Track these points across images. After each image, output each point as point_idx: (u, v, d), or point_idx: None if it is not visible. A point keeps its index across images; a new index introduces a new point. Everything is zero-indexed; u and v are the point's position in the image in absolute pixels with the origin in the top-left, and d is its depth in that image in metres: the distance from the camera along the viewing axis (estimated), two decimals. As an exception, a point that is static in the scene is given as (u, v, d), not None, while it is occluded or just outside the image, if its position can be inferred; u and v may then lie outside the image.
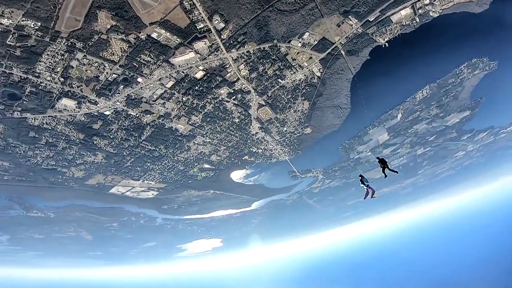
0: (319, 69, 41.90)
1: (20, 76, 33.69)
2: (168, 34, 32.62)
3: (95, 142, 46.07)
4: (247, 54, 37.38)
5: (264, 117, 48.85)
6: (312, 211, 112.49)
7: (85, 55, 32.82)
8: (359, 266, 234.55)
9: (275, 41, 36.77)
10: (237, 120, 48.13)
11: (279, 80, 42.34)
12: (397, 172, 21.84)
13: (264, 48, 37.25)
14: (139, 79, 36.78)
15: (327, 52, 39.64)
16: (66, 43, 31.39)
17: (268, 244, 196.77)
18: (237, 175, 69.00)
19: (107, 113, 40.85)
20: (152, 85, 38.05)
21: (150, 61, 34.97)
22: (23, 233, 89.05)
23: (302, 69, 41.34)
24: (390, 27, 37.89)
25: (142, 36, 32.27)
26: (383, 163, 21.91)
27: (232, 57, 37.26)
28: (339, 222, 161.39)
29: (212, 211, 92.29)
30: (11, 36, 29.83)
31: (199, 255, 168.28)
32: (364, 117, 52.21)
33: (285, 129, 53.14)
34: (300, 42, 37.77)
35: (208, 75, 38.78)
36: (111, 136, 45.48)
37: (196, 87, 40.16)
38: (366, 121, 57.40)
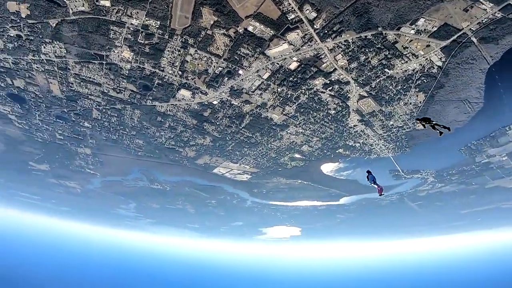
0: (440, 58, 34.77)
1: (150, 70, 40.29)
2: (262, 26, 33.13)
3: (205, 127, 52.37)
4: (345, 43, 34.35)
5: (366, 109, 44.55)
6: (412, 215, 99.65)
7: (196, 50, 36.64)
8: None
9: (379, 28, 32.36)
10: (333, 112, 45.66)
11: (386, 70, 37.43)
12: (449, 129, 17.88)
13: (365, 36, 33.33)
14: (240, 71, 39.10)
15: (451, 39, 32.44)
16: (180, 40, 35.43)
17: (351, 241, 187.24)
18: (328, 168, 66.42)
19: (214, 102, 45.56)
20: (251, 77, 39.88)
21: (248, 54, 36.47)
22: (146, 203, 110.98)
23: (417, 58, 35.24)
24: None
25: (240, 30, 33.75)
26: (428, 121, 18.05)
27: (327, 47, 34.97)
28: (445, 230, 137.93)
29: (297, 200, 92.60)
30: (140, 35, 35.39)
31: (276, 240, 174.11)
32: (504, 114, 40.73)
33: (391, 123, 47.25)
34: (413, 29, 32.15)
35: (302, 66, 37.85)
36: (217, 123, 50.72)
37: (291, 78, 39.92)
38: (506, 119, 44.83)
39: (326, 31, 33.32)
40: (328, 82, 40.10)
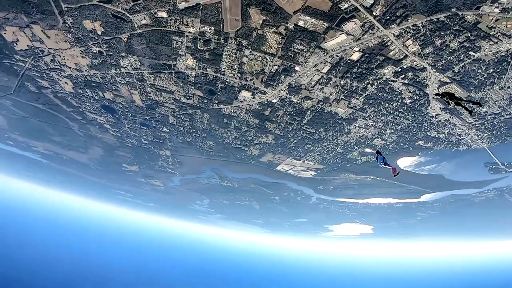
0: (540, 37, 27.89)
1: (213, 75, 42.11)
2: (313, 20, 31.24)
3: (266, 126, 52.96)
4: (414, 28, 30.18)
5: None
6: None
7: (250, 51, 36.72)
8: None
9: (453, 9, 27.60)
10: (409, 101, 40.57)
11: (471, 53, 31.65)
12: (479, 104, 15.63)
13: (437, 19, 28.81)
14: (296, 68, 37.94)
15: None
16: (235, 42, 35.80)
17: (434, 240, 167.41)
18: (405, 162, 59.75)
19: (274, 101, 45.49)
20: (308, 72, 38.30)
21: (303, 49, 34.99)
22: (217, 198, 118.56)
23: (510, 38, 29.08)
24: None
25: (290, 26, 32.47)
26: (450, 97, 15.09)
27: (393, 34, 31.14)
28: None
29: (369, 197, 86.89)
30: (199, 42, 36.79)
31: (344, 237, 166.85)
32: None
33: (484, 110, 39.68)
34: (496, 8, 26.79)
35: (365, 55, 34.53)
36: (278, 121, 50.67)
37: (354, 69, 36.89)
38: None
39: (388, 17, 29.68)
40: (399, 70, 35.77)
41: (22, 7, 36.66)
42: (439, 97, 16.36)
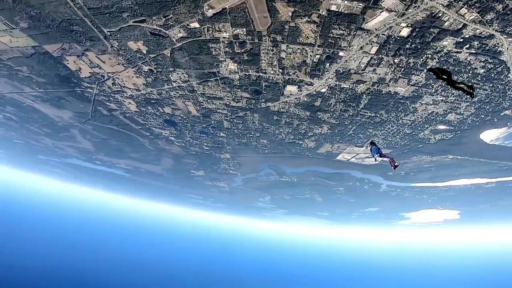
0: None
1: (255, 75, 42.14)
2: (346, 2, 28.68)
3: (319, 117, 51.23)
4: None
5: (534, 60, 31.63)
6: None
7: (287, 45, 35.58)
8: None
9: None
10: (482, 71, 34.45)
11: None
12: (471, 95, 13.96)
13: None
14: (341, 53, 35.49)
15: None
16: (269, 39, 34.96)
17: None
18: (490, 136, 50.77)
19: (322, 90, 43.53)
20: (355, 56, 35.43)
21: (343, 34, 32.50)
22: (278, 194, 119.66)
23: None
24: None
25: (323, 13, 30.29)
26: (445, 76, 14.47)
27: (441, 4, 27.01)
28: None
29: (450, 180, 76.64)
30: (235, 45, 36.74)
31: (424, 225, 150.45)
32: None
33: None
34: None
35: (416, 30, 30.60)
36: (331, 110, 48.42)
37: (407, 46, 32.90)
38: None
39: (430, -13, 25.90)
40: (461, 40, 30.95)
41: (71, 36, 39.35)
42: (431, 72, 14.46)
